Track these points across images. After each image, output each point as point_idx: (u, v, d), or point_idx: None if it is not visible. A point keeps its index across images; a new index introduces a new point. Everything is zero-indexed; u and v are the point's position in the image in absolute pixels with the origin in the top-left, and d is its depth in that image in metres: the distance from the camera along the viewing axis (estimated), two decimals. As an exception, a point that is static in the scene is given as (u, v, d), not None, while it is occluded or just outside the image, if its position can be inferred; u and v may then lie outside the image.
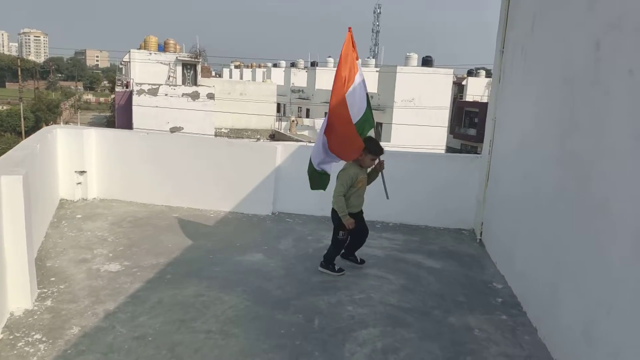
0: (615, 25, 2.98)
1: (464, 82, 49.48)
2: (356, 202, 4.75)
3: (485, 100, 39.56)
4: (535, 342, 3.73)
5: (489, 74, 45.05)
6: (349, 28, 4.59)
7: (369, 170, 4.78)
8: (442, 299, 4.38)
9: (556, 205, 3.71)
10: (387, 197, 4.86)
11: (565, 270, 3.46)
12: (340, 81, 4.50)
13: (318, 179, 4.79)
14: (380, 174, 4.81)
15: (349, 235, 4.76)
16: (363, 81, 4.64)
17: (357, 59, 4.64)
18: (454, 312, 4.14)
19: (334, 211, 4.73)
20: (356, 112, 4.56)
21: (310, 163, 4.75)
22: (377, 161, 4.72)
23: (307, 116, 43.51)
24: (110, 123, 45.78)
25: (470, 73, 51.72)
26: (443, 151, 29.33)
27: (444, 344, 3.63)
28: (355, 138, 4.51)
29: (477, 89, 47.11)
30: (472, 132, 41.77)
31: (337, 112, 4.51)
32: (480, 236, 6.05)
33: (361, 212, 4.89)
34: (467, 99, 46.37)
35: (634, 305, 2.53)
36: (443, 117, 32.60)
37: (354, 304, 4.18)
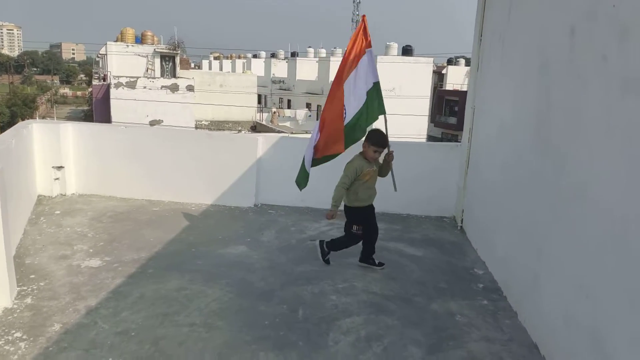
0: (589, 12, 3.02)
1: (444, 71, 49.75)
2: (364, 196, 4.60)
3: (465, 88, 39.83)
4: (516, 325, 3.80)
5: (468, 63, 45.39)
6: (363, 16, 4.52)
7: (381, 162, 4.65)
8: (424, 286, 4.43)
9: (534, 192, 3.77)
10: (395, 190, 4.73)
11: (545, 255, 3.52)
12: (341, 70, 4.44)
13: (303, 175, 4.74)
14: (383, 165, 4.68)
15: (362, 230, 4.64)
16: (371, 71, 4.50)
17: (368, 47, 4.49)
18: (436, 299, 4.19)
19: (344, 206, 4.68)
20: (354, 105, 4.46)
21: (303, 163, 4.71)
22: (383, 153, 4.55)
23: (289, 107, 43.39)
24: (88, 117, 45.06)
25: (450, 62, 52.02)
26: (424, 140, 29.52)
27: (426, 330, 3.68)
28: (338, 137, 4.43)
29: (457, 78, 47.44)
30: (452, 120, 42.08)
31: (331, 101, 4.46)
32: (461, 223, 6.12)
33: (372, 207, 4.75)
34: (447, 88, 46.65)
35: (611, 289, 2.59)
36: (424, 106, 32.80)
37: (337, 293, 4.20)
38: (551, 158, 3.48)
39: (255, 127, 33.45)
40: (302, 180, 4.73)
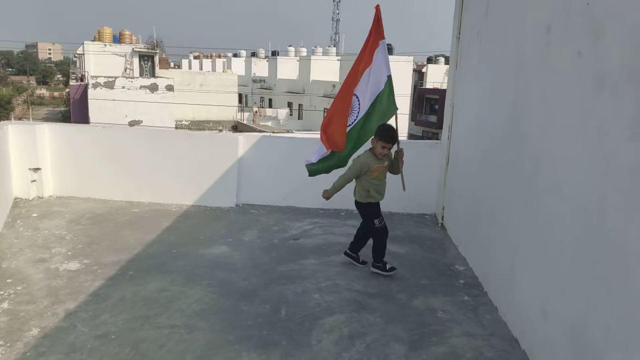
0: (563, 9, 3.06)
1: (424, 70, 50.08)
2: (375, 193, 4.51)
3: (445, 87, 40.15)
4: (496, 320, 3.84)
5: (448, 61, 45.72)
6: (377, 6, 4.27)
7: (392, 158, 4.58)
8: (406, 283, 4.46)
9: (512, 187, 3.81)
10: (404, 189, 4.62)
11: (523, 250, 3.57)
12: (355, 67, 4.38)
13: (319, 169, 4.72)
14: (395, 163, 4.57)
15: (383, 220, 4.56)
16: (385, 64, 4.41)
17: (381, 39, 4.37)
18: (417, 295, 4.21)
19: (357, 203, 4.63)
20: (367, 101, 4.42)
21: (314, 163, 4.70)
22: (392, 149, 4.46)
23: (270, 106, 43.26)
24: (65, 118, 44.30)
25: (430, 60, 52.36)
26: (405, 138, 29.67)
27: (409, 326, 3.70)
28: (339, 135, 4.41)
29: (437, 76, 47.77)
30: (433, 118, 42.43)
31: (340, 99, 4.45)
32: (442, 220, 6.17)
33: (378, 203, 4.64)
34: (427, 86, 46.98)
35: (587, 283, 2.63)
36: (404, 104, 32.92)
37: (320, 292, 4.20)
38: (527, 154, 3.52)
39: (237, 127, 33.27)
40: (317, 171, 4.73)
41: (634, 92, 2.29)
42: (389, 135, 4.40)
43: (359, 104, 4.49)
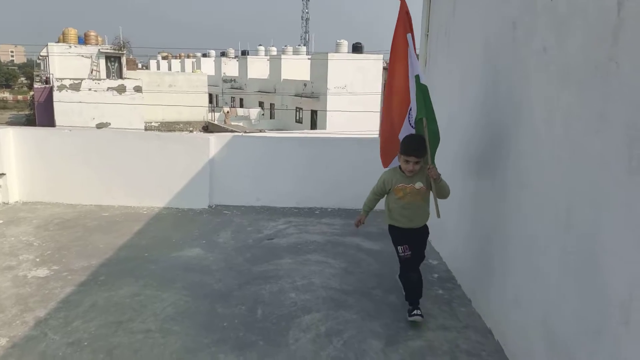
0: (529, 5, 3.13)
1: (393, 67, 50.38)
2: (398, 216, 3.78)
3: (414, 84, 40.46)
4: (470, 312, 3.90)
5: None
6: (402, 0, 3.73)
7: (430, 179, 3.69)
8: (382, 279, 4.48)
9: (483, 182, 3.88)
10: (438, 216, 3.79)
11: (494, 242, 3.63)
12: (391, 68, 3.87)
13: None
14: (432, 184, 3.70)
15: (409, 250, 3.78)
16: (412, 62, 3.68)
17: (407, 33, 3.72)
18: (393, 291, 4.24)
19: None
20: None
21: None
22: (414, 165, 3.61)
23: (241, 106, 42.93)
24: (30, 122, 43.10)
25: (400, 58, 52.70)
26: (377, 136, 29.83)
27: (385, 321, 3.72)
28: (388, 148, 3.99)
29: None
30: (404, 115, 42.73)
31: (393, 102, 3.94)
32: (416, 216, 6.21)
33: (414, 231, 3.81)
34: (397, 84, 47.26)
35: (558, 272, 2.70)
36: (375, 102, 33.15)
37: (296, 291, 4.20)
38: (497, 148, 3.58)
39: (208, 127, 32.93)
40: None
41: (598, 86, 2.35)
42: (405, 145, 3.61)
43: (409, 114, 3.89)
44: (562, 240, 2.65)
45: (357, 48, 34.65)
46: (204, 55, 57.15)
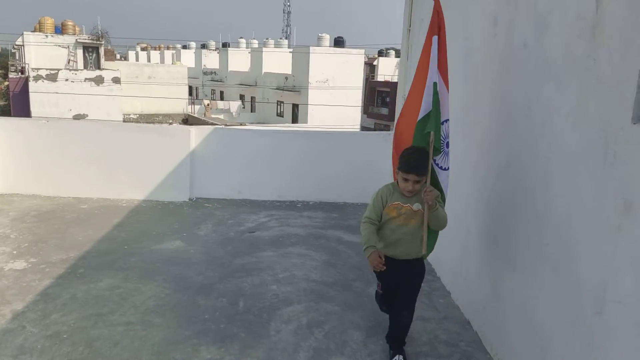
0: (509, 1, 3.17)
1: (375, 62, 50.58)
2: (387, 241, 3.08)
3: (395, 80, 40.73)
4: (449, 304, 3.96)
5: (398, 54, 46.31)
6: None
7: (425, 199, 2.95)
8: (362, 271, 4.52)
9: (463, 173, 3.93)
10: (423, 252, 3.07)
11: (473, 235, 3.69)
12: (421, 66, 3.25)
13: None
14: (425, 209, 2.98)
15: (384, 289, 3.29)
16: (432, 66, 3.12)
17: (434, 35, 3.17)
18: (373, 283, 4.25)
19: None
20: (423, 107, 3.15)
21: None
22: (414, 185, 2.95)
23: (222, 99, 42.59)
24: (5, 113, 42.09)
25: (381, 53, 52.94)
26: (358, 130, 29.95)
27: (365, 313, 3.76)
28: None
29: (387, 69, 48.33)
30: (384, 111, 42.94)
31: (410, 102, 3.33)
32: (396, 209, 6.27)
33: (402, 264, 3.09)
34: (378, 79, 47.50)
35: (535, 263, 2.76)
36: (357, 97, 33.22)
37: (277, 283, 4.21)
38: (477, 141, 3.64)
39: (187, 120, 32.59)
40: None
41: (575, 81, 2.40)
42: (404, 160, 2.98)
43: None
44: (539, 232, 2.71)
45: (338, 42, 34.69)
46: (184, 47, 56.51)
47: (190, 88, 39.89)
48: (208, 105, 36.07)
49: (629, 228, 2.00)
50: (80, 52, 30.55)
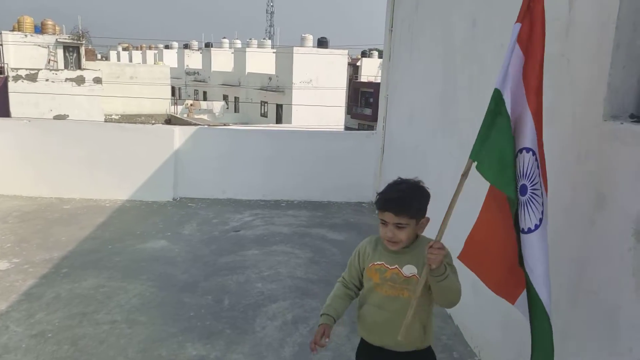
0: (487, 3, 3.26)
1: (358, 63, 50.78)
2: (364, 318, 2.16)
3: (379, 80, 40.90)
4: (432, 299, 4.03)
5: (381, 55, 46.51)
6: None
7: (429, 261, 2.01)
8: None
9: (445, 172, 4.01)
10: (399, 337, 1.95)
11: (454, 231, 3.76)
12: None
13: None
14: (425, 272, 2.00)
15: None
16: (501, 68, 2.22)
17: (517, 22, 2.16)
18: (358, 280, 4.34)
19: None
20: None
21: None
22: (395, 231, 2.05)
23: (205, 99, 42.37)
24: (-18, 113, 41.40)
25: (364, 54, 53.17)
26: (342, 130, 30.05)
27: (350, 309, 3.79)
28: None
29: (371, 70, 48.55)
30: (368, 111, 43.13)
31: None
32: (379, 207, 6.35)
33: (387, 356, 2.09)
34: (362, 80, 47.69)
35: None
36: (340, 97, 33.32)
37: (263, 281, 4.25)
38: (457, 139, 3.72)
39: (170, 121, 32.35)
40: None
41: (550, 80, 2.49)
42: (382, 193, 2.08)
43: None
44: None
45: (322, 43, 34.76)
46: (167, 47, 56.09)
47: (172, 88, 39.61)
48: (191, 105, 35.87)
49: (601, 222, 2.08)
50: (60, 52, 30.14)
